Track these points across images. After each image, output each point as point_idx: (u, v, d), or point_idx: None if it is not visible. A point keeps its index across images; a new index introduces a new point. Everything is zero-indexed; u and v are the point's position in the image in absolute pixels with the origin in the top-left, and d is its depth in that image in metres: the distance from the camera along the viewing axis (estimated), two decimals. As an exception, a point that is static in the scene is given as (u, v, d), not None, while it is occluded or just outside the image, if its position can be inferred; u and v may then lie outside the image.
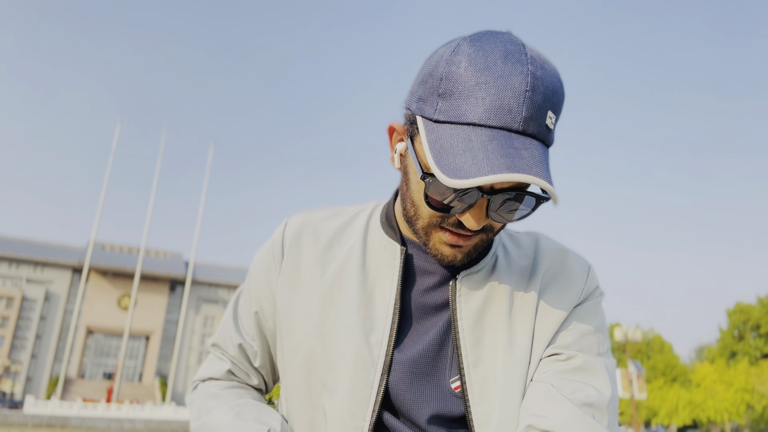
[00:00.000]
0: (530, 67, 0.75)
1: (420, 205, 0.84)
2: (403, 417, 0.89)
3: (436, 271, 0.94)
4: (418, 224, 0.86)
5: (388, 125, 0.91)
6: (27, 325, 75.61)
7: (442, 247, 0.85)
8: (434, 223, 0.84)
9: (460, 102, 0.75)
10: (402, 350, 0.90)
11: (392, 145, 0.92)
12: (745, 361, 45.90)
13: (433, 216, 0.83)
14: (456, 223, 0.82)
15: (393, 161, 0.91)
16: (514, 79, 0.74)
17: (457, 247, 0.85)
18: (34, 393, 72.13)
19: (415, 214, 0.86)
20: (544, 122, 0.76)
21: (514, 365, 0.87)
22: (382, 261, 0.95)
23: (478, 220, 0.79)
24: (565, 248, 1.01)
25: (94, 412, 41.66)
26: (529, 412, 0.83)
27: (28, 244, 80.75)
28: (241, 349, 1.03)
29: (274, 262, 1.01)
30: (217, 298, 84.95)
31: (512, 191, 0.77)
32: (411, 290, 0.94)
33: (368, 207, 1.06)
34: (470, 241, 0.85)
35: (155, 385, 75.77)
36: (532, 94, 0.74)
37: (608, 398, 0.84)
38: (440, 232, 0.84)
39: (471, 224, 0.79)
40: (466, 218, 0.79)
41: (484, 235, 0.85)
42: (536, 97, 0.75)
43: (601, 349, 0.92)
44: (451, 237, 0.84)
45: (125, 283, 79.32)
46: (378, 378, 0.88)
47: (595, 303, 0.96)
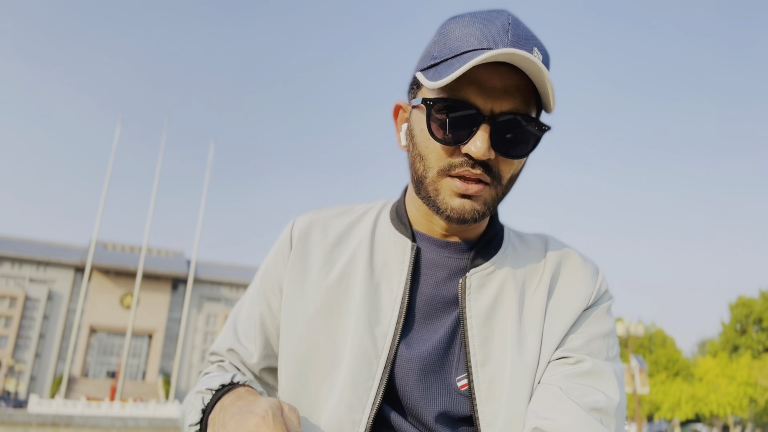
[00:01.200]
0: (512, 18, 0.82)
1: (427, 150, 0.85)
2: (407, 413, 0.88)
3: (445, 267, 0.94)
4: (428, 177, 0.86)
5: (395, 104, 0.93)
6: (30, 325, 75.77)
7: (451, 199, 0.85)
8: (442, 168, 0.84)
9: (452, 41, 0.82)
10: (408, 345, 0.89)
11: (398, 125, 0.94)
12: (748, 355, 45.87)
13: (440, 157, 0.84)
14: (463, 160, 0.83)
15: (399, 141, 0.93)
16: (497, 20, 0.81)
17: (466, 197, 0.85)
18: (38, 392, 72.34)
19: (424, 168, 0.87)
20: (531, 53, 0.79)
21: (523, 366, 0.87)
22: (391, 255, 0.95)
23: (483, 145, 0.80)
24: (575, 251, 1.00)
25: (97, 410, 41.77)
26: (536, 414, 0.82)
27: (30, 244, 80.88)
28: (233, 352, 1.02)
29: (283, 257, 1.01)
30: (219, 296, 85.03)
31: (511, 114, 0.81)
32: (419, 286, 0.93)
33: (377, 205, 1.06)
34: (479, 189, 0.84)
35: (158, 383, 75.94)
36: (515, 28, 0.80)
37: (616, 403, 0.83)
38: (449, 180, 0.85)
39: (477, 149, 0.80)
40: (472, 144, 0.81)
41: (493, 188, 0.86)
42: (519, 30, 0.80)
43: (610, 354, 0.91)
44: (460, 184, 0.84)
45: (127, 281, 79.42)
46: (380, 371, 0.87)
47: (604, 307, 0.95)
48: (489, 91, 0.81)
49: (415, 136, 0.88)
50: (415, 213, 0.97)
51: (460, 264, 0.94)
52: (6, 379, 67.58)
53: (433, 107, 0.82)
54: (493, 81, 0.81)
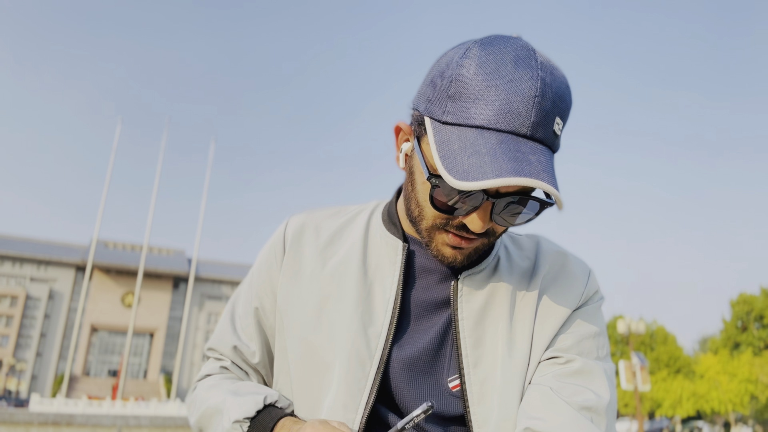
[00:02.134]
0: (540, 73, 0.76)
1: (425, 206, 0.85)
2: (399, 413, 0.89)
3: (437, 269, 0.94)
4: (422, 225, 0.87)
5: (395, 125, 0.92)
6: (31, 324, 75.87)
7: (443, 248, 0.86)
8: (438, 224, 0.85)
9: (469, 105, 0.76)
10: (401, 346, 0.90)
11: (398, 144, 0.93)
12: (749, 352, 45.87)
13: (437, 217, 0.84)
14: (459, 225, 0.83)
15: (398, 161, 0.92)
16: (523, 84, 0.75)
17: (458, 249, 0.86)
18: (40, 391, 72.43)
19: (419, 215, 0.87)
20: (552, 128, 0.77)
21: (514, 367, 0.88)
22: (383, 257, 0.96)
23: (483, 222, 0.80)
24: (565, 251, 1.01)
25: (99, 409, 41.79)
26: (527, 414, 0.83)
27: (31, 243, 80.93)
28: (237, 350, 1.02)
29: (276, 258, 1.02)
30: (220, 294, 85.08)
31: (517, 195, 0.78)
32: (412, 287, 0.94)
33: (369, 206, 1.07)
34: (472, 244, 0.86)
35: (160, 382, 76.04)
36: (541, 100, 0.75)
37: (607, 402, 0.84)
38: (443, 234, 0.85)
39: (475, 226, 0.80)
40: (470, 220, 0.80)
41: (486, 239, 0.86)
42: (545, 103, 0.76)
43: (600, 353, 0.92)
44: (453, 239, 0.85)
45: (129, 280, 79.46)
46: (374, 371, 0.87)
47: (595, 307, 0.96)
48: None
49: (415, 180, 0.87)
50: (405, 217, 0.97)
51: (452, 266, 0.93)
52: (7, 378, 67.67)
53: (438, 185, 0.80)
54: None
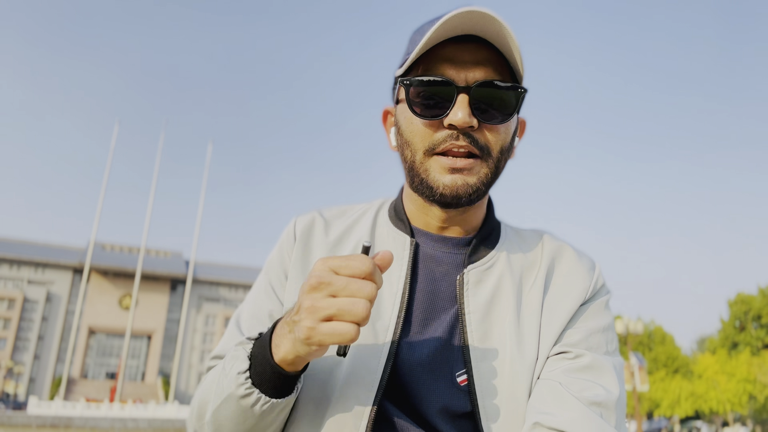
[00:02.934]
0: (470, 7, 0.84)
1: (412, 136, 0.89)
2: (407, 407, 0.88)
3: (444, 262, 0.95)
4: (416, 159, 0.89)
5: (383, 111, 0.99)
6: (29, 327, 75.64)
7: (441, 176, 0.87)
8: (429, 147, 0.87)
9: (417, 37, 0.89)
10: (409, 340, 0.90)
11: (387, 129, 0.99)
12: (747, 352, 45.94)
13: (425, 137, 0.87)
14: (448, 138, 0.86)
15: (390, 143, 0.97)
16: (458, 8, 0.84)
17: (457, 172, 0.87)
18: (38, 394, 72.24)
19: (411, 152, 0.90)
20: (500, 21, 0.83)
21: (522, 361, 0.88)
22: (391, 250, 0.93)
23: (463, 112, 0.83)
24: (571, 246, 1.02)
25: (97, 412, 41.71)
26: (537, 409, 0.82)
27: (28, 246, 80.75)
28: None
29: (287, 248, 1.02)
30: (218, 296, 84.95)
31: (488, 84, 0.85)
32: (419, 281, 0.94)
33: (375, 204, 1.08)
34: (469, 163, 0.87)
35: (158, 384, 75.87)
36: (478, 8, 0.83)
37: (616, 397, 0.84)
38: (437, 158, 0.87)
39: (459, 118, 0.83)
40: (453, 114, 0.84)
41: (483, 163, 0.88)
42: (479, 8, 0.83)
43: (609, 348, 0.92)
44: (448, 159, 0.86)
45: (126, 282, 79.31)
46: (382, 365, 0.87)
47: (602, 301, 0.96)
48: (461, 64, 0.86)
49: (400, 126, 0.92)
50: (412, 209, 0.99)
51: (458, 259, 0.95)
52: (5, 381, 67.46)
53: (410, 87, 0.86)
54: (463, 55, 0.86)
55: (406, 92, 0.87)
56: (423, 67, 0.88)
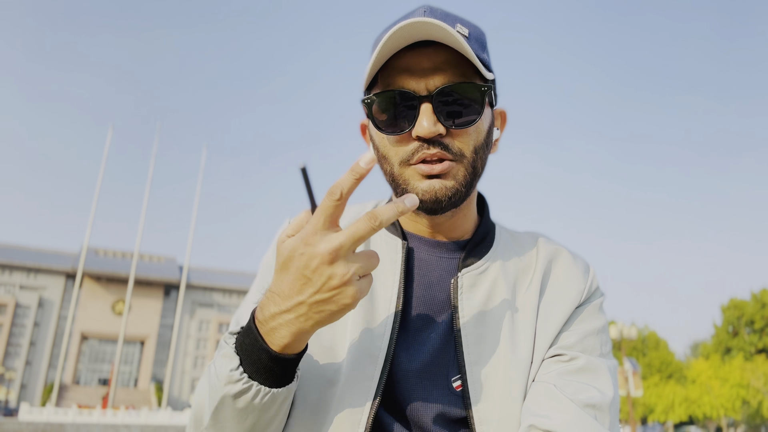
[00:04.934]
0: (428, 7, 0.85)
1: (386, 150, 0.89)
2: (403, 413, 0.88)
3: (437, 266, 0.94)
4: (394, 171, 0.88)
5: (360, 124, 0.98)
6: (21, 332, 75.07)
7: (419, 183, 0.86)
8: (403, 159, 0.87)
9: (376, 47, 0.85)
10: (404, 346, 0.89)
11: (366, 141, 0.98)
12: (740, 357, 46.11)
13: (397, 151, 0.87)
14: (419, 149, 0.85)
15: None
16: (414, 12, 0.85)
17: (433, 178, 0.86)
18: (29, 400, 71.63)
19: (389, 166, 0.89)
20: (454, 28, 0.82)
21: (516, 365, 0.87)
22: (383, 256, 0.95)
23: (429, 121, 0.82)
24: (566, 248, 1.01)
25: (89, 418, 41.38)
26: (532, 412, 0.82)
27: (20, 251, 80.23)
28: None
29: None
30: (211, 302, 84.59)
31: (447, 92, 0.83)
32: (413, 286, 0.93)
33: (368, 204, 1.07)
34: (444, 167, 0.85)
35: (151, 391, 75.37)
36: (431, 12, 0.83)
37: (610, 399, 0.84)
38: (413, 168, 0.86)
39: (423, 128, 0.82)
40: (419, 125, 0.83)
41: (460, 165, 0.87)
42: (436, 13, 0.82)
43: (603, 350, 0.92)
44: (422, 166, 0.85)
45: (119, 288, 78.87)
46: (378, 372, 0.86)
47: (596, 304, 0.96)
48: (420, 73, 0.83)
49: (374, 141, 0.92)
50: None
51: (452, 263, 0.94)
52: (-4, 387, 66.91)
53: (372, 105, 0.85)
54: (421, 62, 0.84)
55: (369, 110, 0.86)
56: (382, 81, 0.86)
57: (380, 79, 0.87)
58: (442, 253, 0.95)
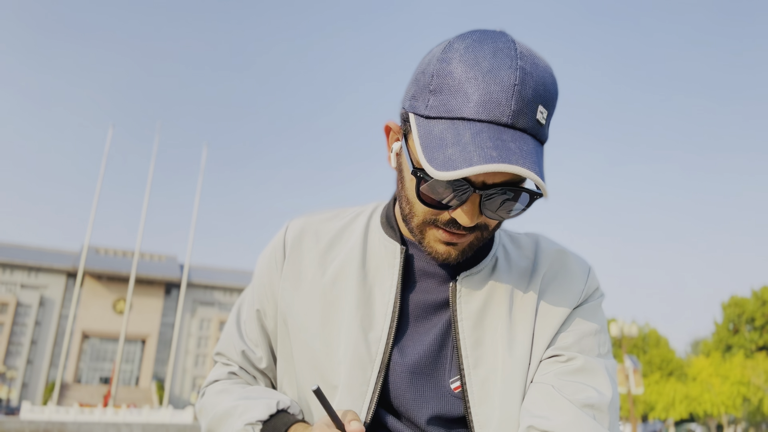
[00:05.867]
0: (519, 62, 0.76)
1: (414, 202, 0.84)
2: (401, 416, 0.89)
3: (436, 271, 0.94)
4: (413, 222, 0.87)
5: (385, 124, 0.93)
6: (22, 331, 75.21)
7: (436, 245, 0.86)
8: (428, 220, 0.84)
9: (450, 97, 0.77)
10: (401, 349, 0.90)
11: (389, 144, 0.93)
12: (741, 354, 46.13)
13: (426, 213, 0.83)
14: (450, 221, 0.82)
15: (390, 160, 0.93)
16: (503, 74, 0.75)
17: (451, 245, 0.85)
18: (31, 399, 71.80)
19: (410, 212, 0.86)
20: (535, 116, 0.77)
21: (515, 366, 0.88)
22: (382, 260, 0.96)
23: (471, 216, 0.79)
24: (565, 249, 1.01)
25: (91, 416, 41.46)
26: (530, 413, 0.83)
27: (21, 249, 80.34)
28: (245, 355, 1.02)
29: (276, 264, 1.01)
30: (212, 300, 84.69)
31: (504, 186, 0.77)
32: (411, 290, 0.94)
33: (368, 208, 1.06)
34: (465, 239, 0.85)
35: (152, 389, 75.49)
36: (521, 88, 0.75)
37: (609, 399, 0.84)
38: (434, 230, 0.85)
39: (464, 220, 0.79)
40: (459, 214, 0.80)
41: (479, 233, 0.85)
42: (525, 91, 0.75)
43: (601, 351, 0.92)
44: (445, 234, 0.84)
45: (120, 286, 78.98)
46: (375, 375, 0.87)
47: (595, 304, 0.96)
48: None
49: (404, 177, 0.86)
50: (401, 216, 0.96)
51: (450, 266, 0.94)
52: (-2, 386, 67.04)
53: (423, 179, 0.79)
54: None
55: (417, 181, 0.79)
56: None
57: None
58: None
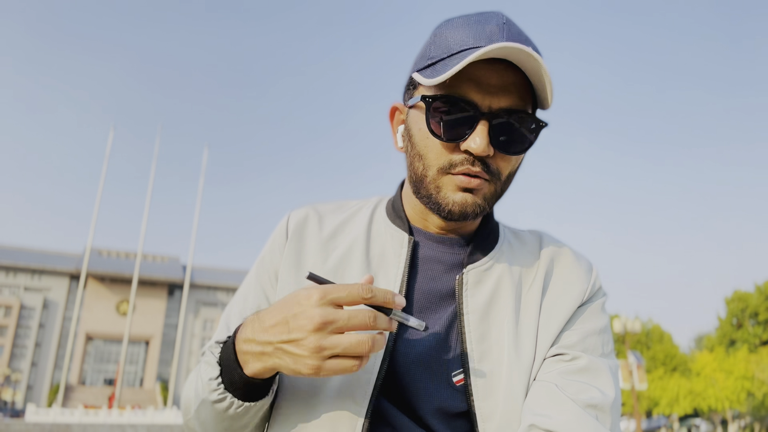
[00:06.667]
0: (506, 18, 0.84)
1: (425, 152, 0.87)
2: (403, 407, 0.88)
3: (442, 262, 0.94)
4: (428, 177, 0.87)
5: (392, 106, 0.94)
6: (26, 334, 75.38)
7: (453, 194, 0.86)
8: (443, 167, 0.85)
9: (447, 43, 0.84)
10: (405, 339, 0.89)
11: (394, 127, 0.95)
12: (745, 349, 46.10)
13: (440, 156, 0.85)
14: (464, 159, 0.84)
15: (396, 143, 0.94)
16: (492, 20, 0.83)
17: (468, 191, 0.86)
18: (36, 401, 71.96)
19: (423, 168, 0.88)
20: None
21: (519, 362, 0.87)
22: (388, 249, 0.96)
23: (483, 140, 0.81)
24: (569, 247, 1.02)
25: (95, 418, 41.53)
26: (532, 411, 0.82)
27: (24, 252, 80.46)
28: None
29: (278, 246, 1.00)
30: (215, 300, 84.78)
31: (510, 111, 0.83)
32: (417, 280, 0.93)
33: (372, 201, 1.07)
34: (481, 184, 0.86)
35: (156, 390, 75.63)
36: (509, 27, 0.82)
37: (612, 399, 0.84)
38: (450, 177, 0.86)
39: (477, 145, 0.81)
40: (471, 140, 0.82)
41: (493, 185, 0.87)
42: (514, 30, 0.82)
43: (605, 350, 0.92)
44: (461, 179, 0.85)
45: (123, 288, 79.08)
46: (378, 363, 0.86)
47: (599, 304, 0.97)
48: (486, 88, 0.82)
49: (413, 135, 0.89)
50: (410, 210, 0.98)
51: (457, 259, 0.94)
52: (2, 388, 67.14)
53: (432, 104, 0.83)
54: (491, 78, 0.82)
55: (427, 108, 0.84)
56: (446, 82, 0.83)
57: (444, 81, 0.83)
58: (448, 249, 0.95)
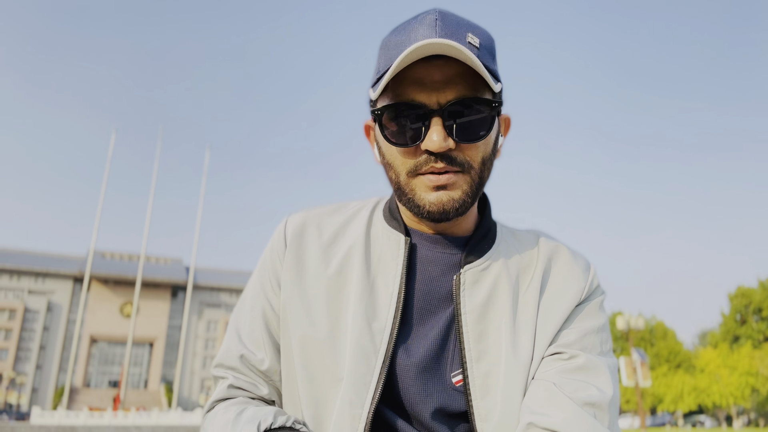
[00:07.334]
0: (438, 13, 0.85)
1: (392, 159, 0.88)
2: (403, 408, 0.89)
3: (439, 262, 0.94)
4: (400, 180, 0.88)
5: (364, 125, 0.97)
6: (30, 337, 75.63)
7: (426, 195, 0.86)
8: (410, 170, 0.87)
9: (389, 53, 0.86)
10: (405, 341, 0.90)
11: (371, 142, 0.98)
12: (748, 345, 46.06)
13: (405, 161, 0.87)
14: (427, 158, 0.85)
15: (376, 158, 0.95)
16: (425, 19, 0.84)
17: (441, 189, 0.86)
18: (40, 404, 72.23)
19: (395, 174, 0.89)
20: (466, 40, 0.81)
21: (517, 362, 0.88)
22: (386, 251, 0.96)
23: (439, 136, 0.82)
24: (567, 246, 1.02)
25: (100, 420, 41.65)
26: (531, 409, 0.83)
27: (28, 256, 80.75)
28: (244, 360, 0.98)
29: (278, 254, 1.00)
30: (219, 302, 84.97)
31: (459, 101, 0.83)
32: (415, 281, 0.94)
33: (370, 202, 1.07)
34: (452, 179, 0.86)
35: (161, 392, 75.84)
36: (442, 21, 0.83)
37: (610, 398, 0.84)
38: (420, 179, 0.87)
39: (435, 142, 0.82)
40: (428, 139, 0.82)
41: (467, 175, 0.87)
42: (447, 22, 0.83)
43: (603, 349, 0.92)
44: (430, 178, 0.85)
45: (127, 290, 79.31)
46: (379, 365, 0.87)
47: (597, 302, 0.97)
48: (431, 85, 0.83)
49: (380, 147, 0.91)
50: (405, 211, 0.98)
51: (454, 260, 0.94)
52: (7, 391, 67.32)
53: (382, 116, 0.85)
54: (433, 75, 0.83)
55: (379, 121, 0.86)
56: (392, 91, 0.85)
57: (390, 89, 0.85)
58: (445, 249, 0.95)
